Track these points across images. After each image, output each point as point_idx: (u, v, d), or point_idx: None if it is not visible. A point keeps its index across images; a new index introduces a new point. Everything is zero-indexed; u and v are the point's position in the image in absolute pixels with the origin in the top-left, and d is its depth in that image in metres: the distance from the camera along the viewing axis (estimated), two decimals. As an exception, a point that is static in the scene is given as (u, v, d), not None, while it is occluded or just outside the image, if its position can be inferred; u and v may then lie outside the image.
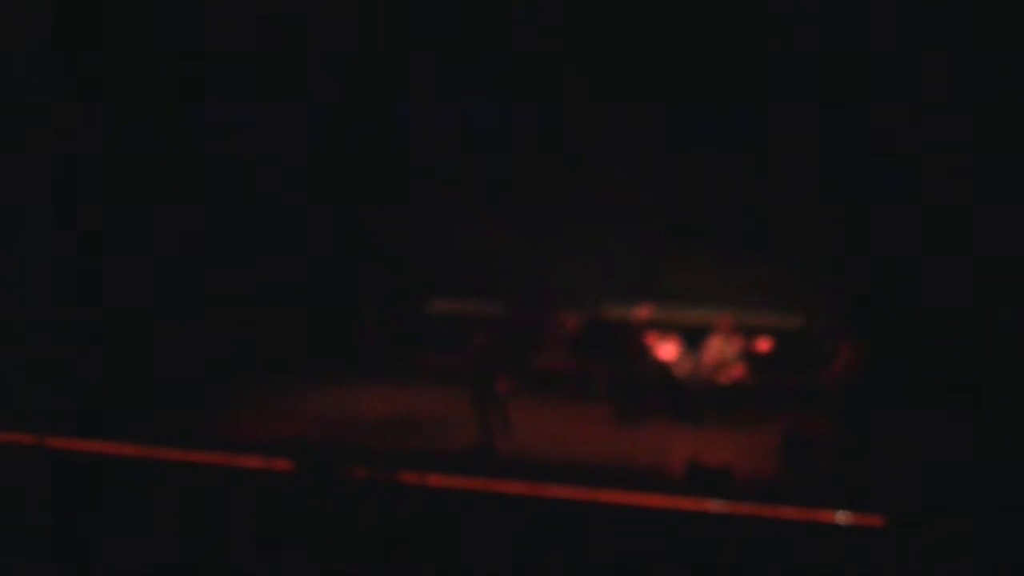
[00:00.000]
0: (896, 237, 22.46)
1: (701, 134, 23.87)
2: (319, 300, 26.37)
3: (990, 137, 21.21)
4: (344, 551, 15.68)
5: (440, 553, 15.74)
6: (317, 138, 26.54)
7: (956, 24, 21.30)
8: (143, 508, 17.37)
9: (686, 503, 18.27)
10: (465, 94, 25.60)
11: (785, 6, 23.10)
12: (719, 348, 23.02)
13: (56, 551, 16.06)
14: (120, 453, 20.00)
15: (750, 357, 22.88)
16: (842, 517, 17.13)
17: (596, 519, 17.81)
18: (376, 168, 26.64)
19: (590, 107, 24.26)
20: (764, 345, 23.16)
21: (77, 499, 17.57)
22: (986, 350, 20.95)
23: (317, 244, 26.55)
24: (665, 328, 24.25)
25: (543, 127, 25.34)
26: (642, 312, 23.65)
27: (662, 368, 23.22)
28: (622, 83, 24.08)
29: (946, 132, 21.41)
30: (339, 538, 15.96)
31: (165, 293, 25.07)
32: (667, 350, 23.44)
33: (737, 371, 22.76)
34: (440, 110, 26.14)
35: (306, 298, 26.27)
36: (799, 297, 25.86)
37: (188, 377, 23.71)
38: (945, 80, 21.28)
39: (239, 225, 26.22)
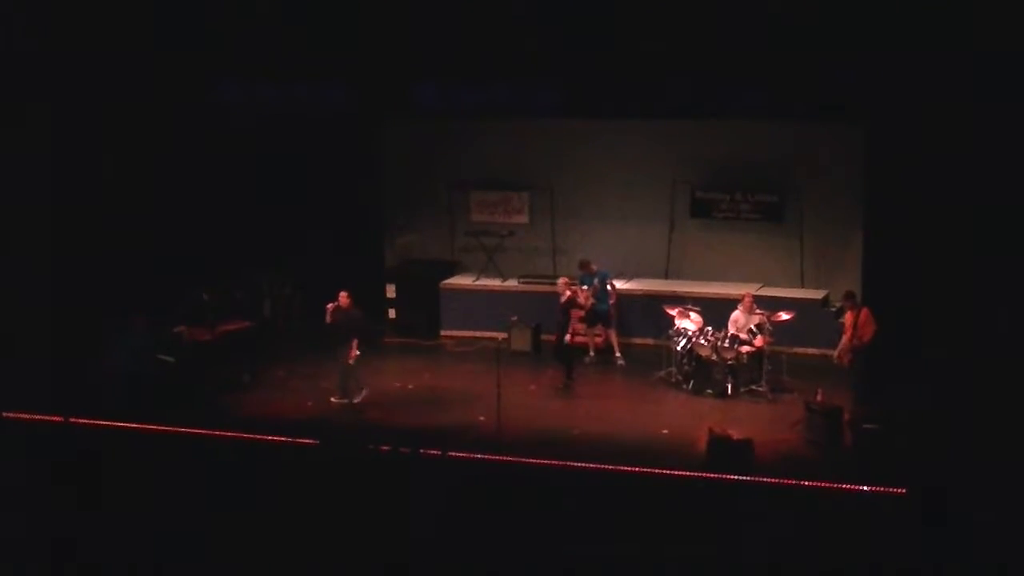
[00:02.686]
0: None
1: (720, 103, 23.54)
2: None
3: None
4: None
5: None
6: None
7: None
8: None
9: (708, 475, 18.20)
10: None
11: None
12: (741, 321, 22.83)
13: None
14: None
15: (772, 329, 22.68)
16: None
17: (617, 491, 17.72)
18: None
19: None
20: (785, 317, 22.98)
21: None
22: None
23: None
24: (687, 302, 24.15)
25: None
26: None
27: (685, 340, 23.06)
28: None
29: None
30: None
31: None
32: (689, 323, 23.27)
33: (758, 342, 22.57)
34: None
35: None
36: (822, 271, 25.83)
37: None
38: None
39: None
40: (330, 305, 22.00)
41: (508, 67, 23.53)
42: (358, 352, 21.82)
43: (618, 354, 25.07)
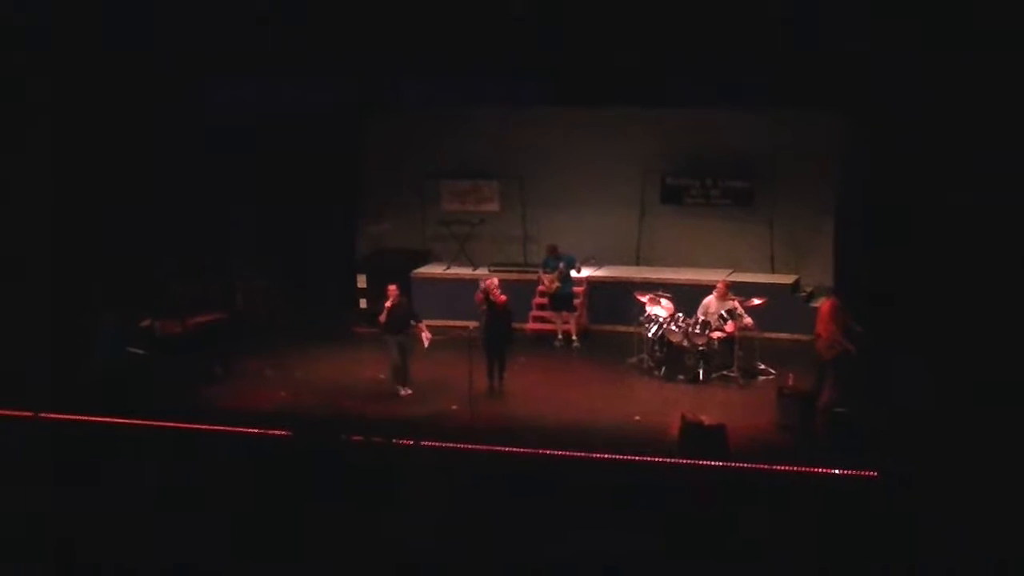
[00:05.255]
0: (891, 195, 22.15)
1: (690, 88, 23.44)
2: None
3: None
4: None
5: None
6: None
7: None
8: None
9: (680, 461, 18.11)
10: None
11: None
12: (713, 307, 22.76)
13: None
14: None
15: (743, 314, 22.62)
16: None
17: (591, 478, 17.55)
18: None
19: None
20: (757, 302, 22.93)
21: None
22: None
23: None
24: (658, 289, 24.06)
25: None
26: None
27: (656, 327, 22.98)
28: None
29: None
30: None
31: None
32: (661, 309, 23.20)
33: (730, 327, 22.50)
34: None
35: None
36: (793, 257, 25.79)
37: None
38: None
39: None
40: (388, 303, 22.01)
41: (479, 58, 23.37)
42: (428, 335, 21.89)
43: (575, 338, 25.10)
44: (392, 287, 22.34)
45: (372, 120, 27.55)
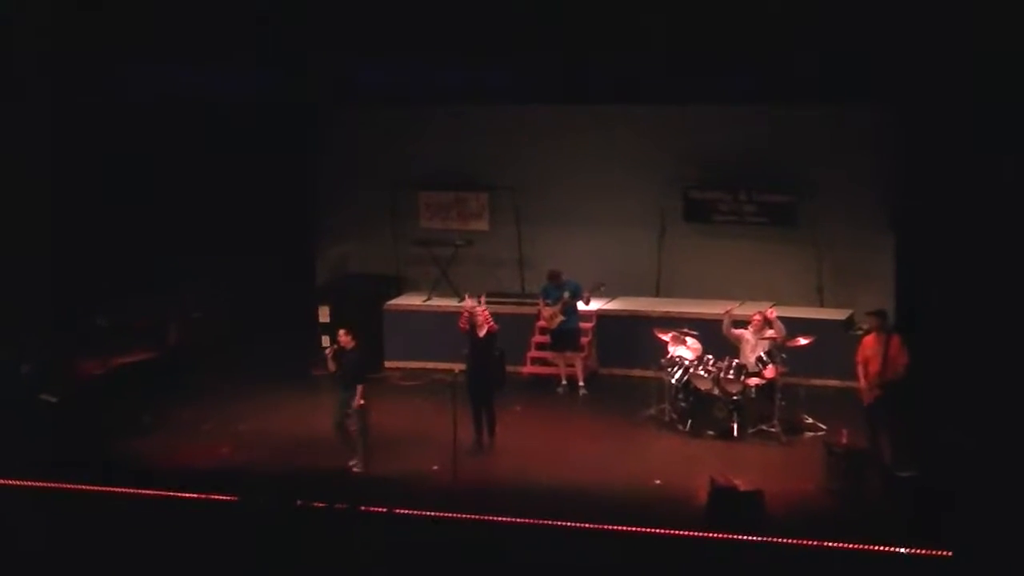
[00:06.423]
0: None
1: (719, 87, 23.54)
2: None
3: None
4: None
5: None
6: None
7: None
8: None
9: (709, 535, 18.04)
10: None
11: None
12: (748, 346, 22.71)
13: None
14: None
15: (785, 355, 22.59)
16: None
17: (604, 554, 17.56)
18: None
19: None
20: (803, 342, 22.86)
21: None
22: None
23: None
24: (682, 325, 23.99)
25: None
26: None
27: (680, 371, 22.94)
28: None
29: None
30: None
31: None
32: (685, 350, 23.16)
33: (769, 372, 22.45)
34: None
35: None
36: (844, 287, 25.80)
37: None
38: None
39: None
40: (328, 350, 21.74)
41: (463, 43, 23.37)
42: (363, 401, 21.53)
43: (581, 383, 25.10)
44: (341, 331, 21.75)
45: (333, 115, 27.47)
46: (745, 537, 17.70)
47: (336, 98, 25.98)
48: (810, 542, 17.55)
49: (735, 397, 22.50)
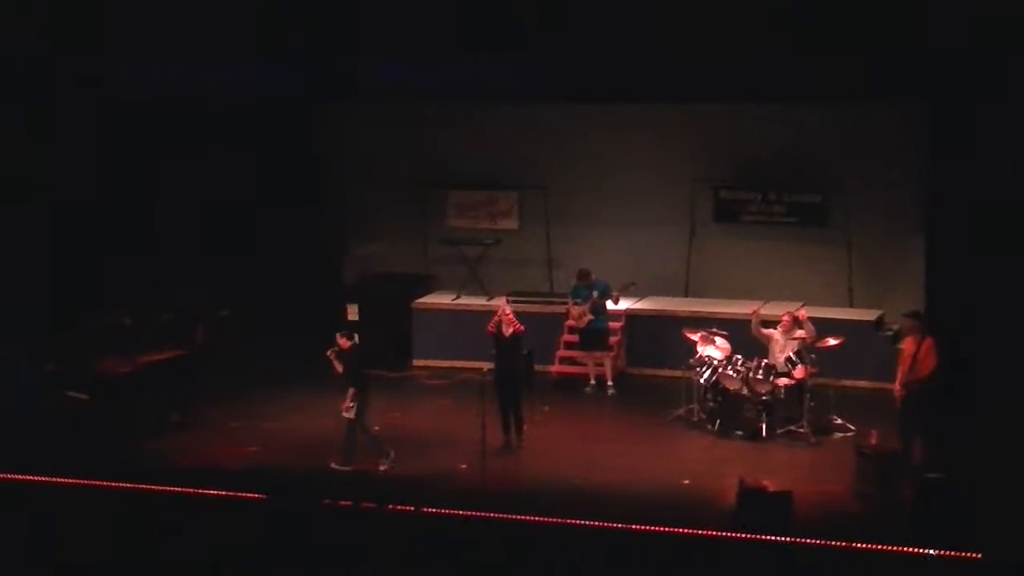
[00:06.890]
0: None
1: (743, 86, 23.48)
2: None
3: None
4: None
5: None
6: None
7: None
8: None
9: (737, 535, 17.98)
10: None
11: None
12: (777, 346, 22.65)
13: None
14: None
15: (815, 355, 22.51)
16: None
17: (632, 554, 17.53)
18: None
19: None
20: (833, 343, 22.78)
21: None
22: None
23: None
24: (711, 325, 23.94)
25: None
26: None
27: (709, 371, 22.88)
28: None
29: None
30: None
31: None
32: (714, 350, 23.10)
33: (798, 373, 22.39)
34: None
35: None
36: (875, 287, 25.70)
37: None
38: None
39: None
40: (329, 352, 21.70)
41: (493, 39, 23.35)
42: (352, 404, 21.42)
43: (610, 383, 25.08)
44: (338, 335, 21.64)
45: (360, 113, 27.43)
46: (773, 538, 17.62)
47: (367, 96, 25.99)
48: (838, 543, 17.46)
49: (764, 397, 22.44)
